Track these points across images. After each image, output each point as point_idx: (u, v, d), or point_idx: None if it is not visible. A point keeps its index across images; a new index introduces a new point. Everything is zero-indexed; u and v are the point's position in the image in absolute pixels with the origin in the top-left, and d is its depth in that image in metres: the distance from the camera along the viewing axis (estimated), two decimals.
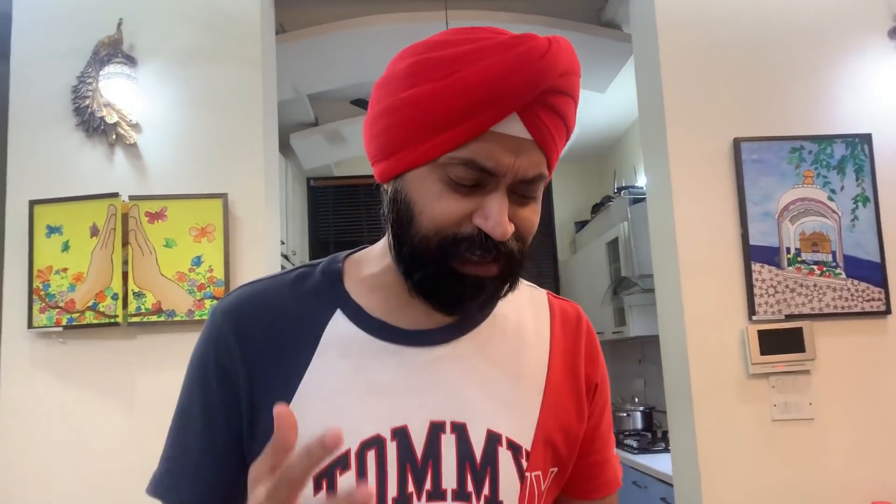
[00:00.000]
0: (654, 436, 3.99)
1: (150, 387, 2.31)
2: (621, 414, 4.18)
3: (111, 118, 2.37)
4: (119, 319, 2.25)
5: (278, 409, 0.56)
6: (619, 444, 3.91)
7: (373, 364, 0.76)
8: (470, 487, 0.75)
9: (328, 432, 0.53)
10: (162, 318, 2.27)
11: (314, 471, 0.55)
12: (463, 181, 0.70)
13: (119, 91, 2.35)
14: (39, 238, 2.29)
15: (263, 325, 0.78)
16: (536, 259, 5.89)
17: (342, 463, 0.73)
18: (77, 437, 2.28)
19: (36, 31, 2.47)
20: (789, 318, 2.34)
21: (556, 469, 0.82)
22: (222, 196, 2.32)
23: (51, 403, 2.29)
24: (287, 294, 0.80)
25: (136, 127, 2.39)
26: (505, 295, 0.78)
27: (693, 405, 2.32)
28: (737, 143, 2.41)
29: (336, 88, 4.12)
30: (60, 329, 2.27)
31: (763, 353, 2.31)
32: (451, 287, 0.73)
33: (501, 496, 0.75)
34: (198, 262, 2.28)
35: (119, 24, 2.40)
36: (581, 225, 5.58)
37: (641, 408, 4.12)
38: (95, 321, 2.25)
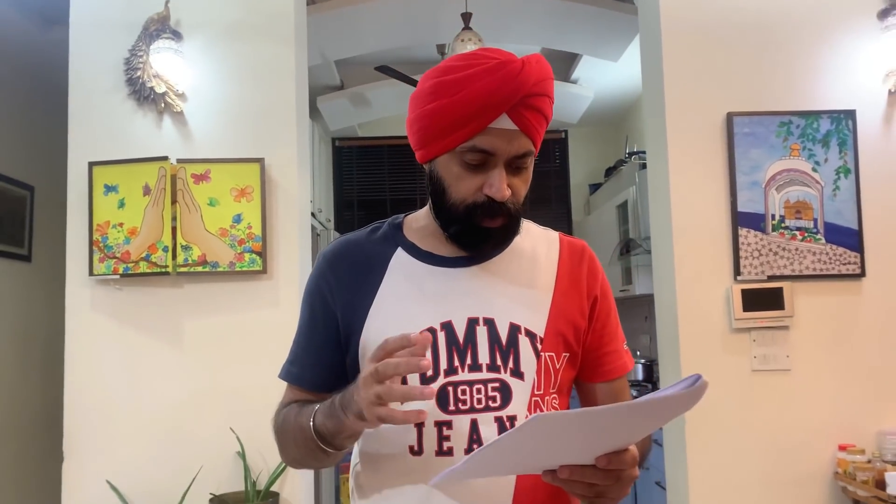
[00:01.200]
0: (654, 386, 4.26)
1: (196, 329, 2.61)
2: None
3: (160, 88, 2.62)
4: (169, 269, 2.54)
5: (417, 336, 0.88)
6: None
7: (425, 280, 1.10)
8: (499, 362, 1.06)
9: (419, 336, 0.88)
10: (206, 269, 2.55)
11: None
12: (473, 162, 1.03)
13: (167, 64, 2.59)
14: (98, 196, 2.57)
15: (350, 262, 1.14)
16: (552, 219, 6.12)
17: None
18: (132, 372, 2.59)
19: (91, 4, 2.71)
20: (771, 278, 2.58)
21: (567, 354, 1.12)
22: (259, 160, 2.58)
23: (109, 342, 2.60)
24: (365, 241, 1.17)
25: (182, 96, 2.65)
26: (511, 238, 1.11)
27: (680, 356, 2.58)
28: (730, 117, 2.62)
29: (361, 55, 4.34)
30: (117, 277, 2.57)
31: (745, 309, 2.55)
32: (474, 236, 1.07)
33: (522, 368, 1.06)
34: (238, 219, 2.56)
35: (167, 2, 2.64)
36: (595, 187, 5.79)
37: (643, 360, 4.38)
38: (148, 270, 2.54)
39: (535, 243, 1.17)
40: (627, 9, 3.66)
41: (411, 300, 1.09)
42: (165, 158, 2.57)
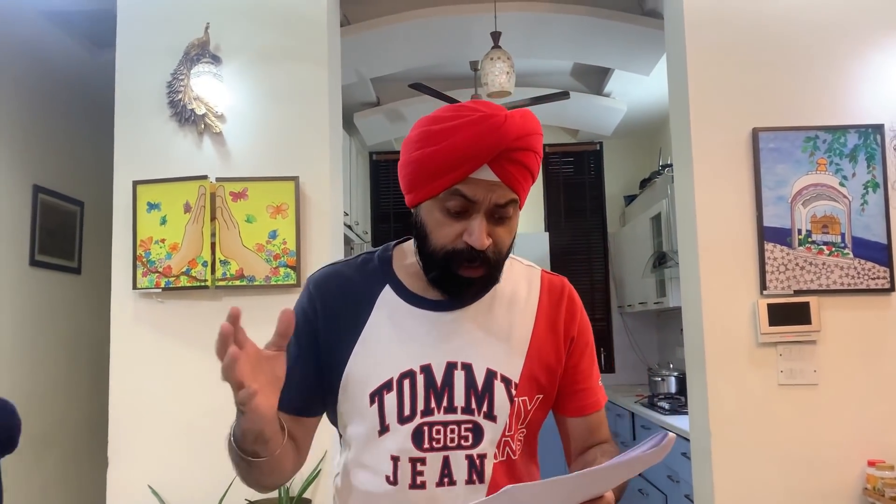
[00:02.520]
0: (686, 399, 4.25)
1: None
2: (657, 378, 4.45)
3: (200, 110, 2.75)
4: (208, 283, 2.65)
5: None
6: (653, 406, 4.18)
7: (408, 322, 1.14)
8: (473, 405, 1.10)
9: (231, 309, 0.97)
10: (244, 283, 2.66)
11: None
12: (454, 209, 1.06)
13: (207, 87, 2.72)
14: (141, 213, 2.70)
15: (338, 292, 1.17)
16: (587, 231, 6.14)
17: (387, 386, 1.10)
18: (173, 381, 2.70)
19: (136, 29, 2.86)
20: (798, 293, 2.58)
21: (541, 396, 1.17)
22: (294, 179, 2.69)
23: (151, 352, 2.72)
24: (355, 273, 1.20)
25: (221, 118, 2.77)
26: (489, 287, 1.14)
27: (706, 370, 2.60)
28: (755, 132, 2.64)
29: (395, 72, 4.44)
30: (159, 290, 2.69)
31: (772, 324, 2.56)
32: (452, 283, 1.10)
33: (496, 412, 1.11)
34: (274, 235, 2.66)
35: (206, 28, 2.77)
36: (630, 199, 5.79)
37: (675, 373, 4.38)
38: (188, 284, 2.66)
39: (516, 285, 1.20)
40: (657, 24, 3.70)
41: (394, 341, 1.13)
42: (205, 177, 2.68)
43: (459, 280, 1.09)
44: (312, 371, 1.16)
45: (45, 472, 3.74)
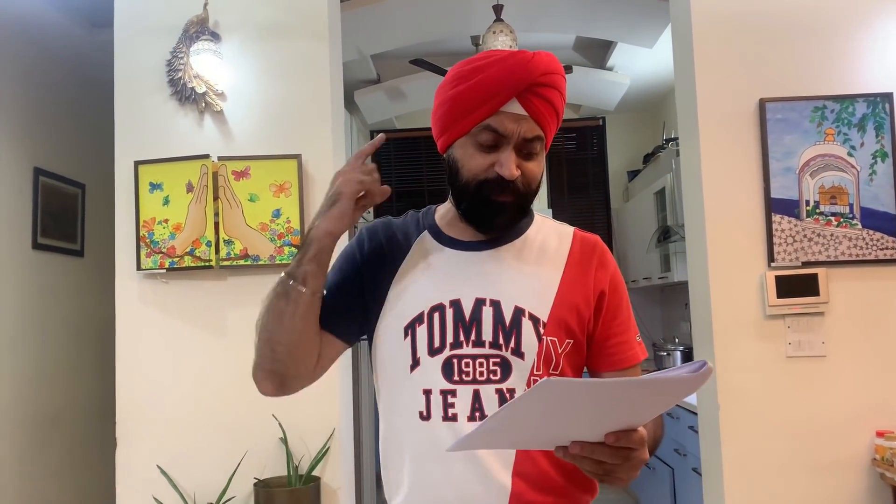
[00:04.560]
0: None
1: (238, 320, 2.70)
2: (662, 353, 4.45)
3: (200, 88, 2.72)
4: (212, 263, 2.64)
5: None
6: None
7: (440, 260, 1.21)
8: (501, 341, 1.14)
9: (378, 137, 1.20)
10: (248, 263, 2.64)
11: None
12: (485, 143, 1.13)
13: (206, 64, 2.68)
14: (144, 193, 2.68)
15: (383, 237, 1.26)
16: (590, 207, 6.12)
17: (419, 319, 1.16)
18: (179, 361, 2.70)
19: (134, 8, 2.82)
20: (806, 264, 2.57)
21: (570, 341, 1.18)
22: (297, 157, 2.66)
23: (157, 333, 2.71)
24: (400, 223, 1.29)
25: (221, 96, 2.74)
26: (520, 215, 1.19)
27: (714, 343, 2.59)
28: (762, 103, 2.61)
29: (396, 49, 4.40)
30: (164, 271, 2.68)
31: (779, 296, 2.55)
32: (484, 211, 1.16)
33: (523, 349, 1.14)
34: (277, 214, 2.64)
35: (205, 5, 2.73)
36: (633, 174, 5.76)
37: (682, 347, 4.38)
38: (192, 265, 2.64)
39: (547, 236, 1.25)
40: None
41: (426, 278, 1.20)
42: (207, 156, 2.66)
43: (491, 206, 1.14)
44: (349, 296, 1.23)
45: (55, 453, 3.76)
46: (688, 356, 4.33)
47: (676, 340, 4.61)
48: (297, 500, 2.46)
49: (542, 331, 1.15)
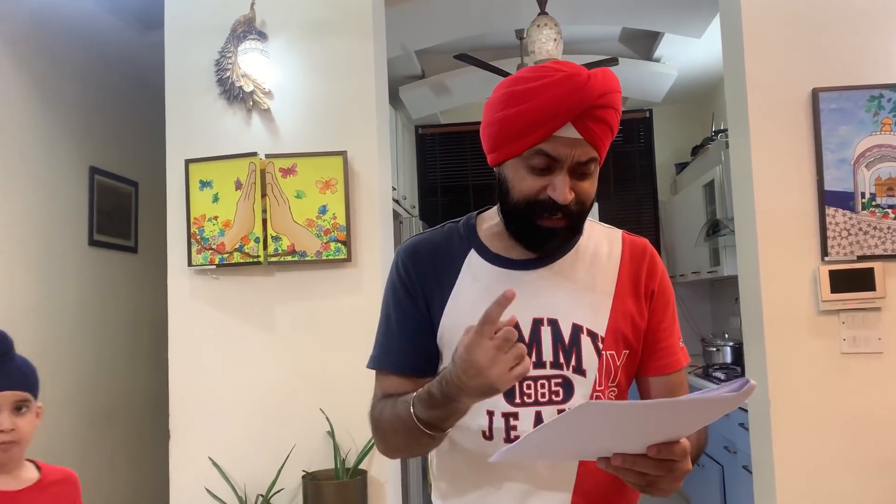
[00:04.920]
0: (743, 370, 4.16)
1: (286, 314, 2.75)
2: (711, 349, 4.37)
3: (248, 87, 2.76)
4: (260, 259, 2.68)
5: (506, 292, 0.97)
6: (708, 377, 4.12)
7: (493, 282, 1.17)
8: (562, 360, 1.13)
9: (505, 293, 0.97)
10: (295, 258, 2.68)
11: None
12: (538, 167, 1.09)
13: (254, 63, 2.73)
14: (194, 191, 2.74)
15: (428, 259, 1.22)
16: (637, 200, 6.04)
17: None
18: (229, 355, 2.76)
19: (183, 9, 2.88)
20: (861, 258, 2.49)
21: (627, 351, 1.18)
22: (342, 153, 2.69)
23: (208, 328, 2.77)
24: (442, 240, 1.24)
25: (269, 94, 2.78)
26: (571, 239, 1.17)
27: (765, 339, 2.54)
28: (815, 92, 2.54)
29: (440, 44, 4.39)
30: (214, 267, 2.73)
31: (834, 291, 2.48)
32: (534, 234, 1.13)
33: (584, 366, 1.13)
34: (323, 210, 2.67)
35: (252, 4, 2.77)
36: (681, 167, 5.66)
37: (731, 343, 4.29)
38: (241, 261, 2.69)
39: (598, 244, 1.22)
40: None
41: (481, 301, 1.11)
42: (255, 154, 2.71)
43: (541, 231, 1.11)
44: (413, 332, 1.20)
45: (111, 445, 3.88)
46: (738, 351, 4.24)
47: (726, 336, 4.52)
48: (344, 493, 2.49)
49: (601, 346, 1.14)
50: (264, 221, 2.69)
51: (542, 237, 1.12)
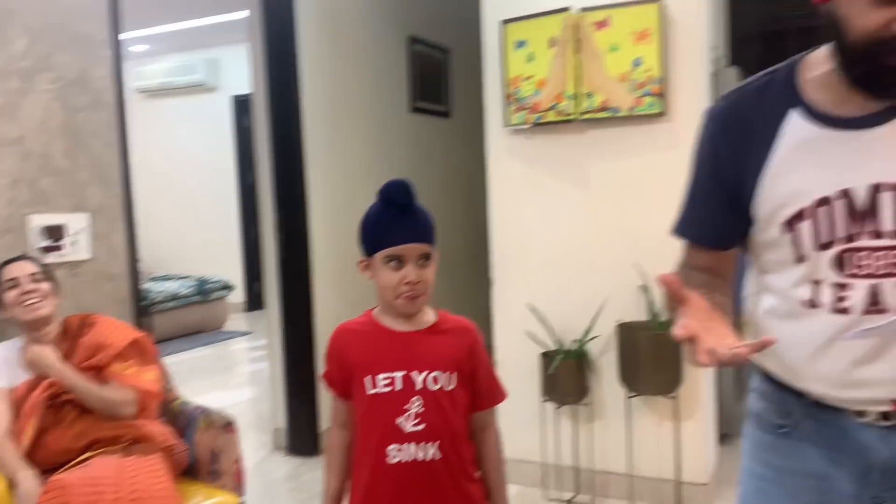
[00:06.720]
0: None
1: (599, 172, 2.79)
2: None
3: None
4: (573, 117, 2.72)
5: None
6: None
7: (822, 146, 1.03)
8: None
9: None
10: (608, 115, 2.67)
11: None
12: None
13: None
14: (510, 51, 2.81)
15: (741, 125, 1.10)
16: None
17: (800, 216, 1.04)
18: (545, 211, 2.89)
19: None
20: None
21: None
22: (658, 1, 2.56)
23: (524, 185, 2.92)
24: (756, 101, 1.10)
25: None
26: None
27: None
28: None
29: None
30: (530, 126, 2.83)
31: None
32: (882, 77, 0.96)
33: None
34: (637, 63, 2.60)
35: None
36: None
37: None
38: (556, 119, 2.75)
39: None
40: None
41: (806, 169, 1.04)
42: (568, 9, 2.69)
43: (892, 72, 0.95)
44: (720, 206, 1.13)
45: (437, 294, 4.33)
46: None
47: None
48: (658, 344, 2.56)
49: None
50: (577, 78, 2.69)
51: (891, 79, 0.96)
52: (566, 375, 2.72)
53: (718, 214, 1.14)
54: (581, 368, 2.75)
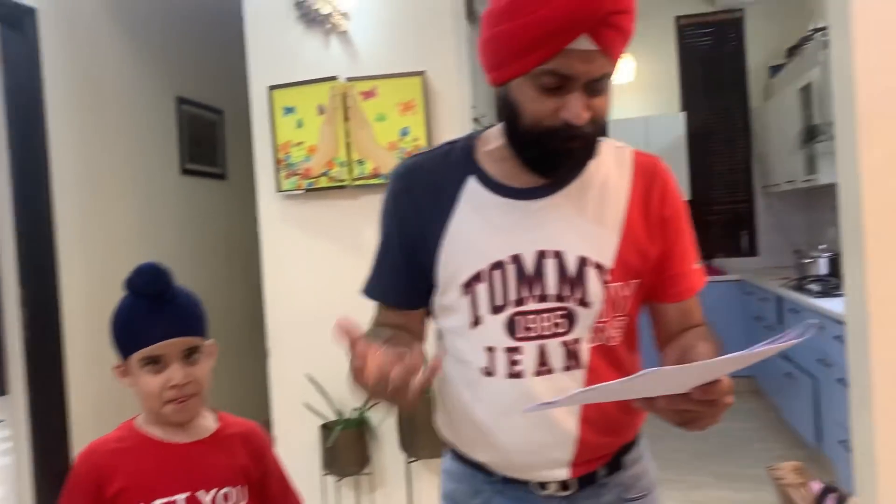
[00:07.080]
0: (839, 281, 4.01)
1: (371, 236, 2.78)
2: (805, 260, 4.22)
3: (325, 9, 2.74)
4: (346, 183, 2.72)
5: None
6: (802, 289, 3.99)
7: (494, 212, 1.10)
8: (566, 293, 1.07)
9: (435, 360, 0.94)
10: (379, 181, 2.70)
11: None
12: (549, 86, 0.99)
13: None
14: (278, 117, 2.78)
15: (423, 185, 1.15)
16: (727, 107, 5.78)
17: (477, 278, 1.09)
18: (316, 273, 2.85)
19: None
20: None
21: (636, 281, 1.12)
22: (421, 73, 2.66)
23: (299, 250, 2.86)
24: (438, 164, 1.16)
25: (345, 16, 2.76)
26: (587, 161, 1.09)
27: (865, 250, 2.42)
28: None
29: None
30: (302, 192, 2.79)
31: None
32: (550, 161, 1.05)
33: (590, 299, 1.08)
34: (405, 132, 2.67)
35: None
36: (775, 70, 5.36)
37: (827, 254, 4.13)
38: (328, 185, 2.74)
39: (608, 169, 1.13)
40: None
41: (481, 233, 1.09)
42: (335, 78, 2.71)
43: (556, 156, 1.03)
44: (404, 266, 1.16)
45: (216, 366, 4.09)
46: (833, 263, 4.08)
47: (822, 247, 4.35)
48: (433, 406, 2.57)
49: (608, 278, 1.08)
50: (348, 145, 2.71)
51: (556, 162, 1.04)
52: (347, 445, 2.65)
53: (403, 276, 1.17)
54: (362, 437, 2.70)
